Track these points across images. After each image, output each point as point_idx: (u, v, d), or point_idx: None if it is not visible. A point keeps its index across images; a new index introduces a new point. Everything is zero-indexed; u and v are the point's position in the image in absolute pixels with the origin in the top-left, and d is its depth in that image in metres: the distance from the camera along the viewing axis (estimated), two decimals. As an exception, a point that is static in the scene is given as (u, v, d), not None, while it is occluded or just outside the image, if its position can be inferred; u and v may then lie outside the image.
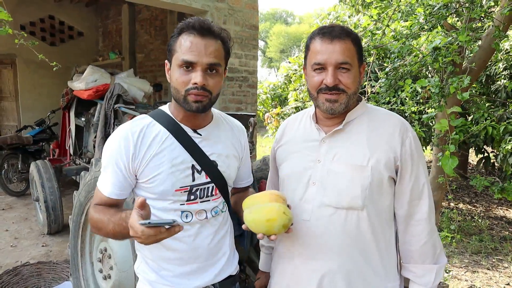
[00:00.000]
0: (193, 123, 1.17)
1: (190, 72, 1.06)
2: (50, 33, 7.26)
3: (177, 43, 1.08)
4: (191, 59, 1.05)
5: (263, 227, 1.02)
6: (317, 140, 1.19)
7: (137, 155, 1.10)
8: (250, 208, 1.07)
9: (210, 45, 1.06)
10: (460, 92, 1.60)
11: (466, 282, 3.61)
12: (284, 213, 1.01)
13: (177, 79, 1.08)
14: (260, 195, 1.10)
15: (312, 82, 1.13)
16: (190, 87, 1.06)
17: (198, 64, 1.05)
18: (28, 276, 2.94)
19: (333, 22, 4.93)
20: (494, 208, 6.09)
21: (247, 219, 1.06)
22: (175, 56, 1.08)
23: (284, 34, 31.70)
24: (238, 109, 4.58)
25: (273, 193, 1.08)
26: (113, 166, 1.11)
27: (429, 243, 1.14)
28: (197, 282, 1.18)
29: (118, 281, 1.97)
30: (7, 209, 4.77)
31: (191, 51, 1.05)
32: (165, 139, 1.12)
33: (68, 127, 4.55)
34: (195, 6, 3.94)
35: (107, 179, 1.13)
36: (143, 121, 1.15)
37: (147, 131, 1.12)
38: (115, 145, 1.11)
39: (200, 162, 1.15)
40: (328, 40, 1.09)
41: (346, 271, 1.11)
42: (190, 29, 1.06)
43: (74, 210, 2.35)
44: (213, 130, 1.21)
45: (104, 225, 1.06)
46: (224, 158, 1.21)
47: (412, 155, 1.12)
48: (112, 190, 1.12)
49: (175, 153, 1.12)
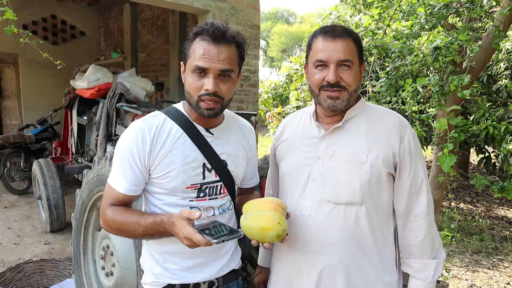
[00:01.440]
0: (206, 123, 1.19)
1: (203, 78, 1.07)
2: (52, 33, 7.29)
3: (191, 48, 1.09)
4: (204, 65, 1.06)
5: (257, 235, 1.02)
6: (317, 137, 1.21)
7: (153, 151, 1.11)
8: (246, 214, 1.08)
9: (223, 51, 1.07)
10: (460, 90, 1.61)
11: (467, 281, 3.62)
12: (279, 224, 1.01)
13: (190, 84, 1.09)
14: (259, 202, 1.10)
15: (314, 79, 1.15)
16: (202, 93, 1.08)
17: (211, 71, 1.06)
18: (31, 273, 2.96)
19: (334, 21, 4.94)
20: (495, 208, 6.09)
21: (242, 224, 1.07)
22: (189, 61, 1.10)
23: (285, 33, 31.67)
24: (240, 108, 4.60)
25: (273, 201, 1.08)
26: (129, 161, 1.11)
27: (427, 238, 1.16)
28: (201, 276, 1.20)
29: (120, 278, 1.98)
30: (10, 207, 4.80)
31: (204, 58, 1.05)
32: (178, 136, 1.14)
33: (70, 125, 4.58)
34: (196, 6, 3.96)
35: (122, 176, 1.12)
36: (157, 118, 1.16)
37: (162, 128, 1.14)
38: (131, 140, 1.12)
39: (211, 161, 1.17)
40: (330, 39, 1.11)
41: (344, 265, 1.13)
42: (204, 34, 1.07)
43: (77, 208, 2.37)
44: (224, 130, 1.23)
45: (131, 228, 1.07)
46: (233, 158, 1.23)
47: (411, 152, 1.14)
48: (128, 186, 1.12)
49: (188, 151, 1.14)
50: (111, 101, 3.41)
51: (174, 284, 1.19)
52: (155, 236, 1.06)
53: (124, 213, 1.10)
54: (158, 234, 1.04)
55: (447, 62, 1.98)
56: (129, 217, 1.08)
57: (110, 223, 1.12)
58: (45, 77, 6.81)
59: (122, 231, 1.10)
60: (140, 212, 1.11)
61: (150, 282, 1.21)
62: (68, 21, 7.51)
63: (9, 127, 7.38)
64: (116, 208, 1.13)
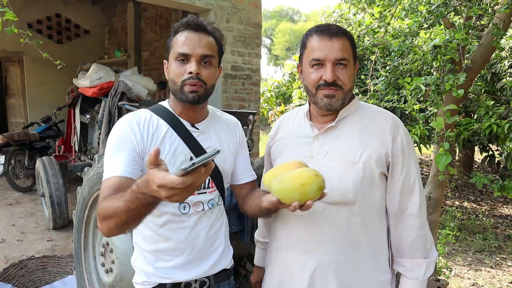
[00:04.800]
0: (191, 118, 1.21)
1: (185, 64, 1.13)
2: (57, 31, 7.34)
3: (173, 40, 1.16)
4: (186, 51, 1.12)
5: (297, 194, 0.93)
6: (311, 137, 1.21)
7: (143, 143, 1.13)
8: (276, 178, 0.98)
9: (203, 38, 1.14)
10: (455, 90, 1.61)
11: (469, 280, 3.61)
12: (317, 175, 0.94)
13: (173, 71, 1.14)
14: (281, 166, 1.04)
15: (310, 78, 1.14)
16: (186, 77, 1.12)
17: (193, 56, 1.12)
18: (33, 269, 3.00)
19: (337, 19, 4.92)
20: (499, 206, 6.05)
21: (276, 189, 0.98)
22: (171, 52, 1.16)
23: (290, 31, 31.57)
24: (241, 107, 4.61)
25: (294, 162, 1.02)
26: (123, 147, 1.09)
27: (419, 238, 1.16)
28: (192, 274, 1.21)
29: (119, 274, 2.01)
30: (14, 204, 4.85)
31: (186, 44, 1.12)
32: (165, 132, 1.16)
33: (73, 124, 4.61)
34: (198, 5, 3.97)
35: (116, 160, 1.07)
36: (143, 113, 1.19)
37: (150, 122, 1.17)
38: (123, 130, 1.13)
39: (198, 155, 1.18)
40: (327, 38, 1.11)
41: (337, 264, 1.14)
42: (185, 26, 1.14)
43: (78, 205, 2.39)
44: (209, 124, 1.25)
45: (114, 208, 0.91)
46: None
47: (403, 152, 1.14)
48: (124, 168, 1.05)
49: (175, 145, 1.16)
50: (113, 99, 3.44)
51: (165, 283, 1.19)
52: (139, 209, 0.88)
53: (110, 199, 0.97)
54: (141, 206, 0.87)
55: (445, 60, 1.98)
56: (112, 200, 0.95)
57: (99, 214, 0.99)
58: (50, 75, 6.85)
59: (108, 215, 0.94)
60: (124, 192, 0.93)
61: (141, 282, 1.22)
62: (73, 20, 7.55)
63: (14, 124, 7.45)
64: (106, 198, 1.00)
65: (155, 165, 0.78)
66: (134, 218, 0.91)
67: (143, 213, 0.90)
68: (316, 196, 0.95)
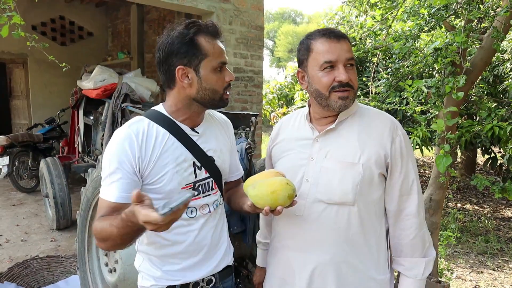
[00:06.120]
0: (191, 122, 1.21)
1: (223, 72, 1.18)
2: (60, 33, 7.39)
3: (205, 47, 1.14)
4: (225, 60, 1.18)
5: (268, 199, 1.03)
6: (311, 139, 1.23)
7: (143, 157, 1.10)
8: (253, 184, 1.09)
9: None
10: (455, 92, 1.62)
11: (471, 282, 3.61)
12: (288, 184, 1.04)
13: (217, 80, 1.17)
14: (260, 174, 1.14)
15: (323, 82, 1.14)
16: (226, 85, 1.19)
17: (226, 64, 1.19)
18: (37, 269, 3.03)
19: (339, 22, 4.94)
20: (502, 209, 6.04)
21: (251, 194, 1.08)
22: (206, 59, 1.14)
23: (292, 33, 31.63)
24: (244, 109, 4.63)
25: (272, 171, 1.14)
26: (119, 168, 1.08)
27: (418, 237, 1.18)
28: (200, 274, 1.22)
29: (123, 274, 2.03)
30: (18, 205, 4.89)
31: (223, 54, 1.18)
32: (167, 139, 1.15)
33: (77, 125, 4.65)
34: (201, 7, 4.00)
35: (113, 184, 1.08)
36: (141, 122, 1.15)
37: (149, 133, 1.13)
38: (119, 148, 1.09)
39: (200, 158, 1.20)
40: (336, 39, 1.13)
41: (336, 264, 1.16)
42: (210, 33, 1.16)
43: (82, 206, 2.41)
44: (207, 127, 1.26)
45: (108, 233, 0.99)
46: (219, 153, 1.26)
47: (402, 153, 1.16)
48: (119, 194, 1.07)
49: (178, 152, 1.15)
50: (117, 101, 3.47)
51: (174, 285, 1.20)
52: (131, 234, 0.97)
53: (104, 220, 1.03)
54: (132, 232, 0.95)
55: (446, 63, 1.99)
56: (106, 223, 1.01)
57: (96, 235, 1.05)
58: (54, 77, 6.91)
59: (104, 239, 1.02)
60: (115, 216, 1.01)
61: (150, 285, 1.21)
62: (76, 22, 7.61)
63: (18, 126, 7.50)
64: (101, 218, 1.06)
65: (138, 202, 0.86)
66: (128, 240, 1.01)
67: (136, 235, 1.00)
68: (287, 203, 1.04)
